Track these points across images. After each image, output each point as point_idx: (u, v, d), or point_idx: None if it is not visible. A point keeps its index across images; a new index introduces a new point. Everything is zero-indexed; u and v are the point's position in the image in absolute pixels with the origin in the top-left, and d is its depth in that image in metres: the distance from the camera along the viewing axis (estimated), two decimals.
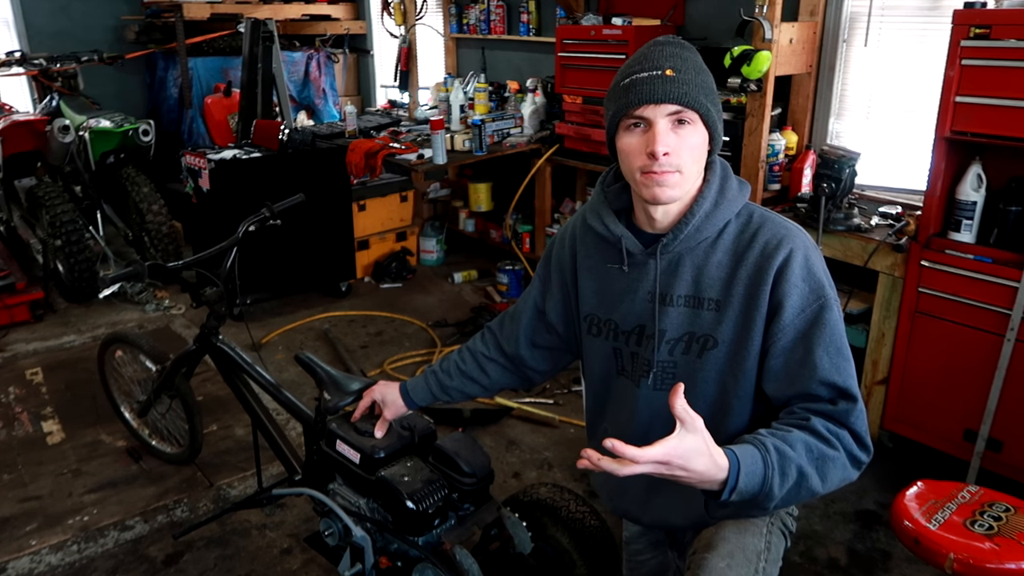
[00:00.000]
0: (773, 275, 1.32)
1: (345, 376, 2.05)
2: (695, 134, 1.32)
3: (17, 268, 4.31)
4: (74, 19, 5.99)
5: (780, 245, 1.33)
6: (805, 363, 1.31)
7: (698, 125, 1.32)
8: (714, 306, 1.37)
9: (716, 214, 1.37)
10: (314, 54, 6.25)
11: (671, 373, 1.42)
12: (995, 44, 2.32)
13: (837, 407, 1.30)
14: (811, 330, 1.31)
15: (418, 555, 1.70)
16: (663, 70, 1.29)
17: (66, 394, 3.50)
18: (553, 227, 4.53)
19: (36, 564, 2.43)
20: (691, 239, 1.38)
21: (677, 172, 1.32)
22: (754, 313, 1.33)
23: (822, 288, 1.33)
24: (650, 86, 1.28)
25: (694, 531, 1.53)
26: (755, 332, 1.34)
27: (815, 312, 1.31)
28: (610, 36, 3.71)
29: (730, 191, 1.39)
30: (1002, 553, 1.62)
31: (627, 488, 1.55)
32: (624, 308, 1.46)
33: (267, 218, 2.38)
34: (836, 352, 1.31)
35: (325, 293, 4.64)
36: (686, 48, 1.36)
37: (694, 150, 1.33)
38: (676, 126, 1.30)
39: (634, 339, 1.46)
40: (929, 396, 2.72)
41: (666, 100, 1.28)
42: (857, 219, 2.96)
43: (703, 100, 1.30)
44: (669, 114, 1.29)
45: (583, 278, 1.54)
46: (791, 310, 1.31)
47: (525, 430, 3.17)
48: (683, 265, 1.39)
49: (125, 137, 4.55)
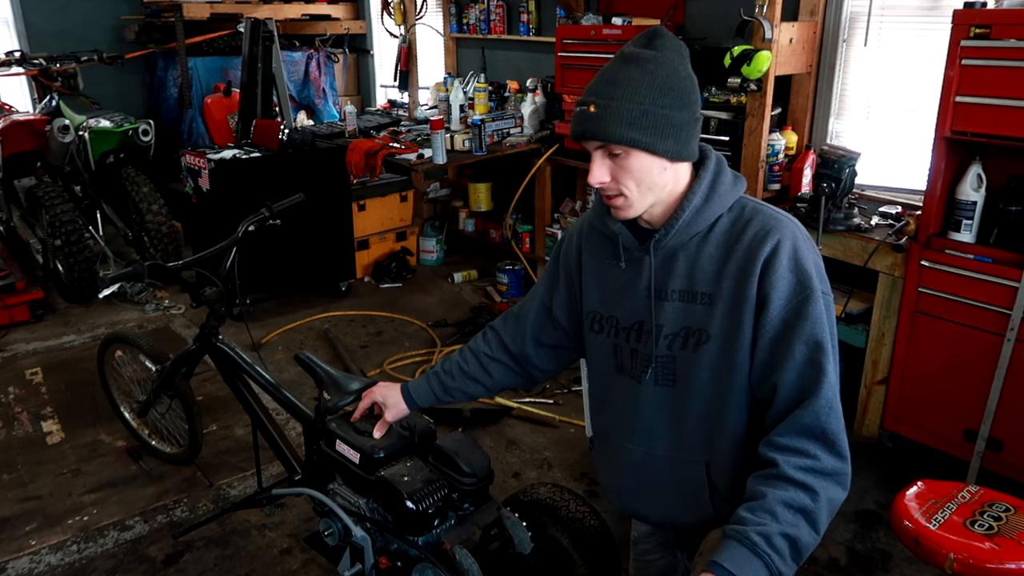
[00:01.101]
0: (760, 266, 1.32)
1: (345, 376, 2.04)
2: (631, 159, 1.32)
3: (17, 268, 4.31)
4: (74, 19, 5.99)
5: (768, 236, 1.33)
6: (786, 355, 1.30)
7: (632, 152, 1.31)
8: (706, 300, 1.38)
9: (706, 209, 1.38)
10: (314, 54, 6.25)
11: (671, 368, 1.43)
12: (995, 44, 2.32)
13: (806, 417, 1.27)
14: (795, 321, 1.31)
15: (418, 555, 1.70)
16: (588, 105, 1.31)
17: (66, 394, 3.50)
18: (553, 227, 4.53)
19: (36, 564, 2.43)
20: (682, 234, 1.38)
21: (621, 196, 1.35)
22: (743, 305, 1.33)
23: (809, 280, 1.31)
24: (578, 124, 1.33)
25: (701, 533, 1.53)
26: (745, 325, 1.34)
27: (801, 304, 1.31)
28: (610, 36, 3.71)
29: (722, 186, 1.39)
30: (1002, 553, 1.62)
31: (635, 487, 1.55)
32: (625, 304, 1.47)
33: (267, 218, 2.38)
34: (816, 347, 1.30)
35: (325, 293, 4.64)
36: (635, 63, 1.31)
37: (635, 173, 1.33)
38: (611, 155, 1.33)
39: (634, 335, 1.46)
40: (929, 396, 2.72)
41: (585, 138, 1.32)
42: (857, 219, 2.96)
43: (625, 132, 1.28)
44: (597, 147, 1.33)
45: (587, 275, 1.56)
46: (778, 302, 1.31)
47: (525, 430, 3.17)
48: (677, 260, 1.40)
49: (125, 137, 4.55)
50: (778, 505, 1.22)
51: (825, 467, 1.27)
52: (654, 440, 1.48)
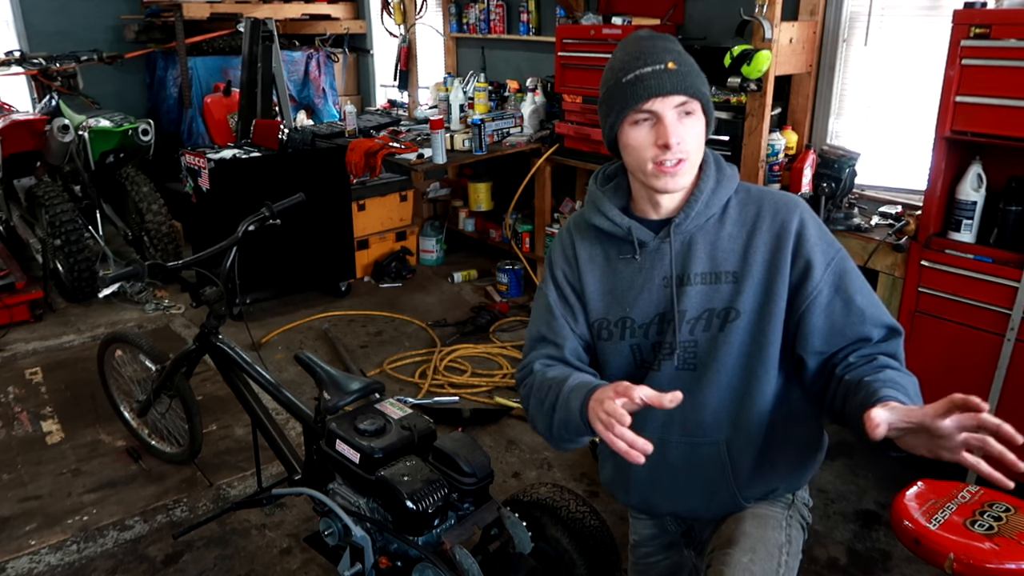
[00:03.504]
0: (793, 240, 1.38)
1: (345, 376, 2.05)
2: (698, 122, 1.38)
3: (17, 268, 4.31)
4: (74, 19, 5.99)
5: (790, 212, 1.41)
6: (850, 312, 1.37)
7: (699, 114, 1.38)
8: (732, 278, 1.40)
9: (719, 191, 1.43)
10: (314, 54, 6.25)
11: (692, 352, 1.43)
12: (995, 44, 2.32)
13: (890, 343, 1.37)
14: (842, 281, 1.38)
15: (418, 555, 1.70)
16: (665, 63, 1.33)
17: (66, 394, 3.50)
18: (553, 227, 4.53)
19: (35, 564, 2.43)
20: (700, 216, 1.42)
21: (687, 160, 1.37)
22: (777, 278, 1.38)
23: (835, 242, 1.43)
24: (657, 80, 1.32)
25: (712, 527, 1.53)
26: (779, 297, 1.38)
27: (839, 264, 1.40)
28: (610, 36, 3.71)
29: (726, 170, 1.46)
30: (1002, 553, 1.62)
31: (647, 478, 1.53)
32: (642, 300, 1.45)
33: (267, 218, 2.38)
34: (870, 294, 1.40)
35: (325, 293, 4.64)
36: (671, 40, 1.41)
37: (698, 137, 1.39)
38: (682, 117, 1.35)
39: (654, 329, 1.46)
40: (929, 396, 2.70)
41: (674, 92, 1.33)
42: (857, 219, 2.97)
43: (704, 89, 1.37)
44: (676, 106, 1.34)
45: (589, 284, 1.51)
46: (819, 267, 1.37)
47: (525, 430, 3.17)
48: (696, 243, 1.42)
49: (125, 137, 4.54)
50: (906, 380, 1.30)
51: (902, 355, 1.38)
52: (671, 426, 1.47)
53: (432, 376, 3.60)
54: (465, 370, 3.67)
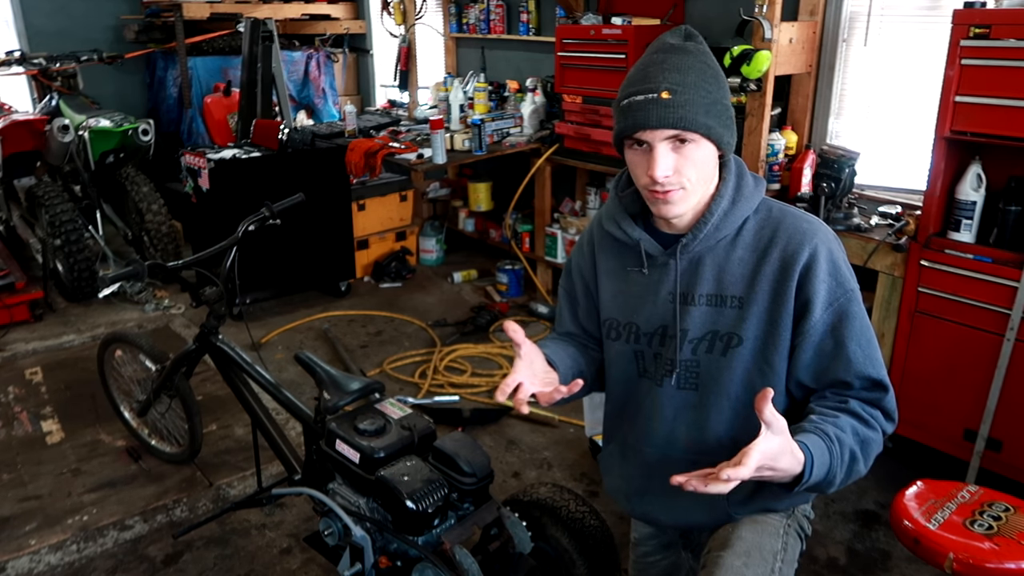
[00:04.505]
0: (799, 273, 1.32)
1: (345, 376, 2.05)
2: (698, 150, 1.30)
3: (17, 268, 4.31)
4: (74, 19, 5.99)
5: (804, 242, 1.33)
6: (838, 356, 1.33)
7: (701, 141, 1.29)
8: (737, 303, 1.37)
9: (734, 212, 1.37)
10: (314, 54, 6.25)
11: (694, 372, 1.42)
12: (995, 44, 2.32)
13: (872, 394, 1.34)
14: (840, 323, 1.33)
15: (418, 555, 1.70)
16: (658, 92, 1.25)
17: (66, 394, 3.50)
18: (553, 227, 4.53)
19: (35, 564, 2.43)
20: (710, 238, 1.37)
21: (681, 188, 1.32)
22: (781, 309, 1.34)
23: (847, 282, 1.34)
24: (644, 112, 1.26)
25: (710, 531, 1.53)
26: (783, 328, 1.34)
27: (842, 307, 1.33)
28: (610, 36, 3.71)
29: (746, 188, 1.39)
30: (1002, 553, 1.62)
31: (649, 490, 1.53)
32: (647, 310, 1.45)
33: (267, 218, 2.38)
34: (867, 343, 1.34)
35: (325, 293, 4.64)
36: (689, 54, 1.30)
37: (699, 164, 1.31)
38: (677, 146, 1.29)
39: (656, 340, 1.45)
40: (929, 396, 2.72)
41: (661, 126, 1.26)
42: (857, 219, 2.96)
43: (701, 120, 1.27)
44: (667, 137, 1.28)
45: (603, 282, 1.53)
46: (819, 307, 1.32)
47: (525, 430, 3.17)
48: (704, 264, 1.39)
49: (125, 137, 4.54)
50: (848, 428, 1.28)
51: (881, 423, 1.35)
52: (674, 443, 1.47)
53: (432, 376, 3.60)
54: (465, 370, 3.67)
